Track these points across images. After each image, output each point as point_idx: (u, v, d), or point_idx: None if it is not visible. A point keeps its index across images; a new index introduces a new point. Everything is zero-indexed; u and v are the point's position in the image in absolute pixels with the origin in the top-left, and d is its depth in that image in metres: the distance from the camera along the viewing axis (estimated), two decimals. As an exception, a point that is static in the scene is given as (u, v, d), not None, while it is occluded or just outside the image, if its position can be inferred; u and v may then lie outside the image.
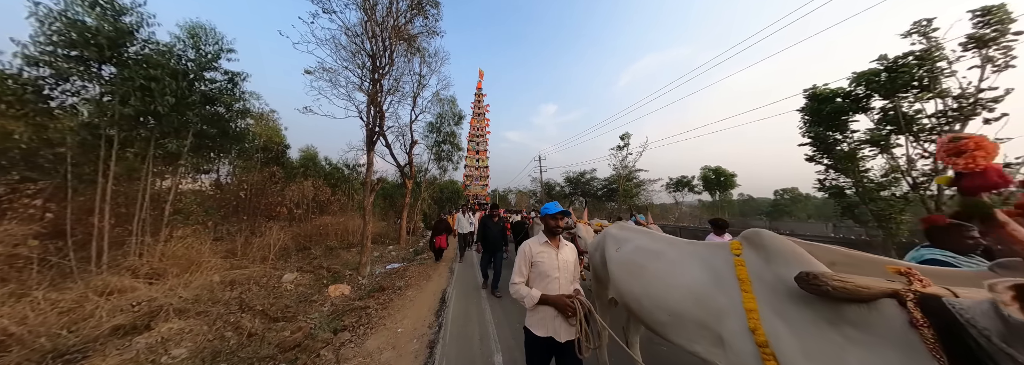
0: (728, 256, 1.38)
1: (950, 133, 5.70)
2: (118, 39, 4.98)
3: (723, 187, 24.69)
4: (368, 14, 6.51)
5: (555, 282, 1.71)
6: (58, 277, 4.31)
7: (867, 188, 6.73)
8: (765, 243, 1.29)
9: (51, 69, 4.72)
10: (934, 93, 5.87)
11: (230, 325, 3.85)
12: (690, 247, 1.67)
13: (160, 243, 5.42)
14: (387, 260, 8.12)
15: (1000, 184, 1.34)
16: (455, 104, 15.01)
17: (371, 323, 3.80)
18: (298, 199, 10.52)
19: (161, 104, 5.08)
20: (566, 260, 1.79)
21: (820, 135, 7.17)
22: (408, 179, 10.66)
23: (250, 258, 6.75)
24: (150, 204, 5.57)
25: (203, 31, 6.31)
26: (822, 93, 7.24)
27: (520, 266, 1.75)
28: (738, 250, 1.37)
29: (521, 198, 39.97)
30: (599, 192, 24.56)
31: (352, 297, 5.01)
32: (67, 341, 3.19)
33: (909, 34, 6.19)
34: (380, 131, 7.00)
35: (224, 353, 3.23)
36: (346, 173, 14.74)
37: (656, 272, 1.63)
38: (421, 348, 3.17)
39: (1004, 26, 5.38)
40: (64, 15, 4.67)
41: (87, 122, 5.04)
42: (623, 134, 20.55)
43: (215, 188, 9.61)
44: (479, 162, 28.93)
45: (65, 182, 4.73)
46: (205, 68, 6.29)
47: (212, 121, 6.62)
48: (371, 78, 6.72)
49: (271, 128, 12.47)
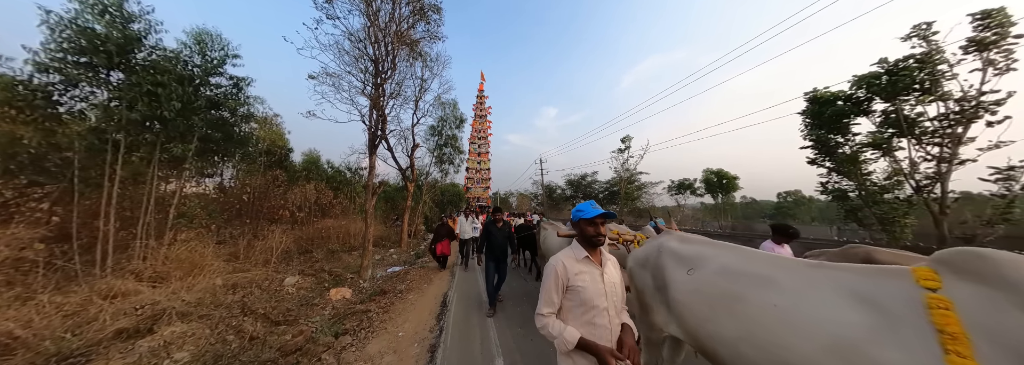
0: (912, 291, 0.89)
1: (953, 135, 5.69)
2: (126, 46, 5.06)
3: (725, 190, 24.62)
4: (371, 20, 6.60)
5: (602, 315, 1.27)
6: (63, 280, 4.35)
7: (870, 191, 6.70)
8: (1003, 274, 0.78)
9: (61, 75, 4.80)
10: (936, 96, 5.87)
11: (232, 329, 3.86)
12: (820, 272, 1.14)
13: (164, 246, 5.45)
14: (388, 263, 8.12)
15: None
16: (457, 107, 15.11)
17: (372, 327, 3.80)
18: (300, 202, 10.57)
19: (167, 109, 5.15)
20: (613, 282, 1.36)
21: (822, 138, 7.16)
22: (410, 182, 10.70)
23: (252, 261, 6.77)
24: (154, 208, 5.62)
25: (209, 37, 6.40)
26: (823, 96, 7.25)
27: (550, 292, 1.30)
28: (933, 282, 0.87)
29: (522, 201, 39.93)
30: (600, 195, 24.52)
31: (353, 300, 5.02)
32: (71, 344, 3.21)
33: (909, 37, 6.21)
34: (382, 134, 7.05)
35: (226, 357, 3.24)
36: (348, 176, 14.82)
37: (765, 308, 1.14)
38: (422, 352, 3.17)
39: (1004, 29, 5.39)
40: (74, 23, 4.77)
41: (94, 127, 5.11)
42: (624, 137, 20.60)
43: (219, 191, 9.68)
44: (481, 164, 28.98)
45: (72, 186, 4.79)
46: (211, 73, 6.38)
47: (217, 125, 6.69)
48: (373, 82, 6.79)
49: (275, 132, 12.57)
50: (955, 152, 5.76)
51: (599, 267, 1.35)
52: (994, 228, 5.52)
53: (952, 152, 5.76)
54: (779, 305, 1.12)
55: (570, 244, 1.43)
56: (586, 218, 1.35)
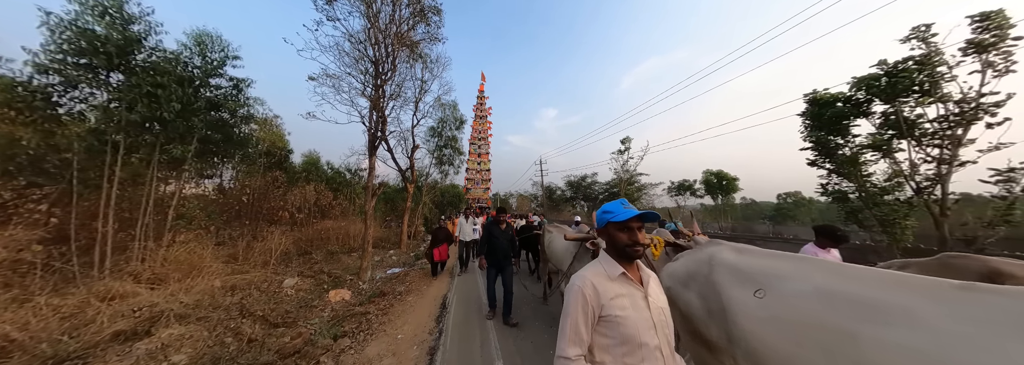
0: None
1: (953, 137, 5.69)
2: (126, 47, 5.07)
3: (725, 191, 24.64)
4: (371, 21, 6.62)
5: (653, 357, 0.93)
6: (61, 282, 4.33)
7: (870, 193, 6.69)
8: None
9: (60, 76, 4.81)
10: (935, 98, 5.87)
11: (230, 331, 3.84)
12: (984, 298, 0.76)
13: (162, 248, 5.44)
14: (388, 265, 8.10)
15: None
16: (456, 109, 15.15)
17: (371, 329, 3.79)
18: (300, 203, 10.56)
19: (167, 110, 5.15)
20: (661, 308, 1.03)
21: (821, 139, 7.15)
22: (409, 183, 10.69)
23: (251, 263, 6.75)
24: (153, 209, 5.60)
25: (209, 39, 6.41)
26: (822, 98, 7.25)
27: (577, 325, 0.94)
28: None
29: (522, 202, 39.91)
30: (600, 196, 24.53)
31: (352, 302, 5.00)
32: (68, 347, 3.19)
33: (908, 39, 6.22)
34: (382, 136, 7.05)
35: (224, 359, 3.22)
36: (348, 177, 14.82)
37: (901, 355, 0.78)
38: (421, 354, 3.15)
39: (1003, 31, 5.40)
40: (74, 24, 4.77)
41: (94, 128, 5.11)
42: (624, 138, 20.66)
43: (218, 193, 9.67)
44: (481, 165, 28.98)
45: (70, 187, 4.78)
46: (211, 75, 6.38)
47: (217, 126, 6.69)
48: (374, 84, 6.80)
49: (275, 133, 12.58)
50: (955, 154, 5.75)
51: (641, 288, 1.01)
52: (995, 230, 5.51)
53: (952, 154, 5.76)
54: (925, 351, 0.74)
55: (578, 249, 1.15)
56: (617, 221, 1.02)
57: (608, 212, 1.06)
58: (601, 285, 0.98)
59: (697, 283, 1.41)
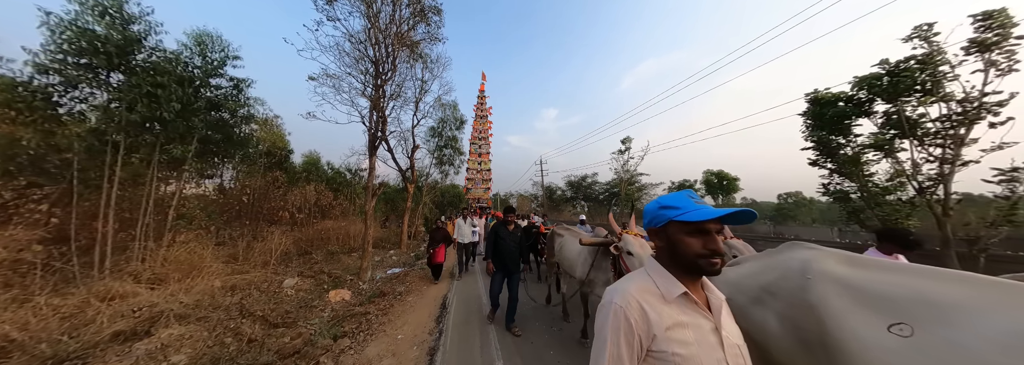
0: None
1: (955, 136, 5.67)
2: (127, 47, 5.07)
3: (726, 191, 24.61)
4: (371, 21, 6.61)
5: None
6: (61, 282, 4.33)
7: (872, 193, 6.67)
8: None
9: (61, 77, 4.81)
10: (937, 97, 5.84)
11: (230, 331, 3.84)
12: None
13: (163, 248, 5.44)
14: (388, 265, 8.10)
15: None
16: (457, 109, 15.14)
17: (371, 329, 3.78)
18: (300, 204, 10.56)
19: (167, 110, 5.15)
20: (735, 344, 0.74)
21: (823, 139, 7.13)
22: (410, 183, 10.68)
23: (251, 263, 6.75)
24: (154, 209, 5.60)
25: (210, 39, 6.41)
26: (824, 97, 7.23)
27: (619, 359, 0.69)
28: None
29: (523, 202, 39.88)
30: (601, 196, 24.52)
31: (352, 302, 4.99)
32: (67, 347, 3.19)
33: (910, 38, 6.20)
34: (382, 136, 7.04)
35: (223, 359, 3.21)
36: (348, 178, 14.82)
37: None
38: (421, 355, 3.14)
39: (1006, 30, 5.37)
40: (74, 24, 4.77)
41: (94, 128, 5.11)
42: (624, 138, 20.65)
43: (218, 193, 9.67)
44: (482, 165, 28.98)
45: (71, 187, 4.78)
46: (211, 75, 6.38)
47: (217, 127, 6.68)
48: (374, 84, 6.79)
49: (275, 133, 12.58)
50: (958, 153, 5.72)
51: (711, 316, 0.73)
52: (998, 230, 5.48)
53: (955, 153, 5.73)
54: None
55: (595, 256, 0.84)
56: (690, 221, 0.72)
57: (670, 207, 0.74)
58: (653, 308, 0.71)
59: (780, 301, 1.04)
